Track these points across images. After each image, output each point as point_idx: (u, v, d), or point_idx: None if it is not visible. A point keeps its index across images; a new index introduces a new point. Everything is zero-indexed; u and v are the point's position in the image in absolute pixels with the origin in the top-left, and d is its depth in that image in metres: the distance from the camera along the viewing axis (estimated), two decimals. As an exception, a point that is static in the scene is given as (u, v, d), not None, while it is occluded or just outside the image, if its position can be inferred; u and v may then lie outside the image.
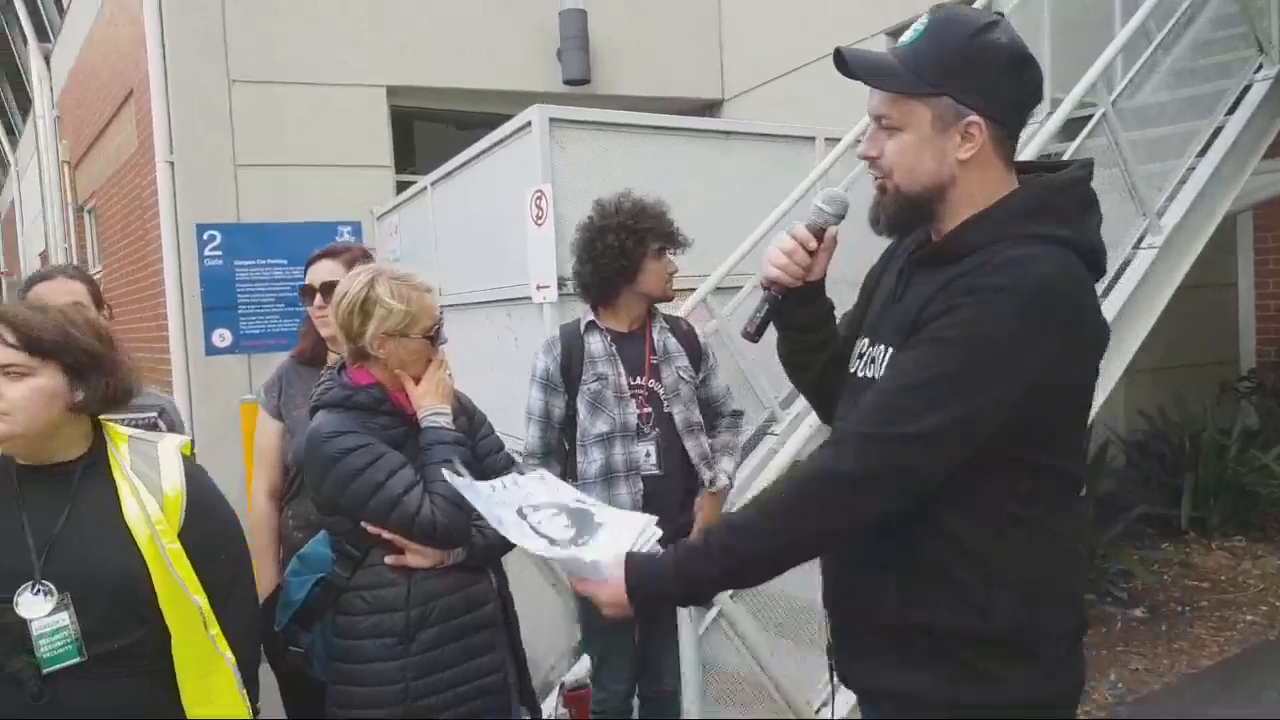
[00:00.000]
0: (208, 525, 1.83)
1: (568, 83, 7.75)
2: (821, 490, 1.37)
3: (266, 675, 2.16)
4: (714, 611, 2.89)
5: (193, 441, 2.50)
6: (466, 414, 2.27)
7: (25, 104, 15.09)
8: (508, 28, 7.68)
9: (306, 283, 2.70)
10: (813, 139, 4.75)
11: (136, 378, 1.88)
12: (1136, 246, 3.91)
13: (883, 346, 1.49)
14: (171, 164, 6.89)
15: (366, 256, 2.84)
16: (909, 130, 1.44)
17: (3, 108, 17.29)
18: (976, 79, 1.41)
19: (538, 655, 4.08)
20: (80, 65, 10.30)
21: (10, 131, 17.41)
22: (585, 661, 3.60)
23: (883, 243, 1.69)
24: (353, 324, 2.06)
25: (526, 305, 4.31)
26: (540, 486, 1.69)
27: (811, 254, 1.58)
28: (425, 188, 5.89)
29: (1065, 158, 3.98)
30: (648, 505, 2.80)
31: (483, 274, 4.97)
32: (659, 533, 1.54)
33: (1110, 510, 5.34)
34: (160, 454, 1.85)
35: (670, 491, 2.88)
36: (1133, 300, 3.77)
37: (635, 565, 1.43)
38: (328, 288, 2.56)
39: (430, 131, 8.22)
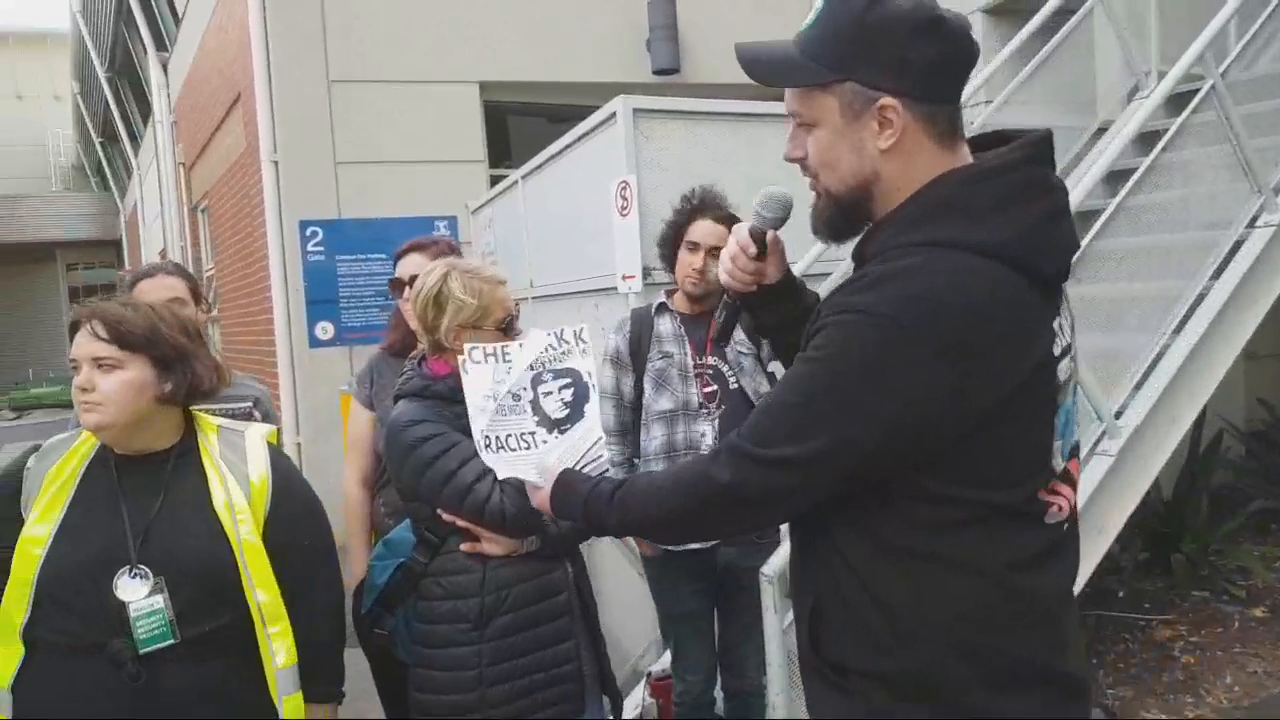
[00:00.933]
0: (292, 512, 1.90)
1: (657, 72, 7.74)
2: (699, 490, 1.31)
3: (360, 659, 2.23)
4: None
5: (280, 430, 2.60)
6: (543, 403, 2.29)
7: (146, 111, 15.88)
8: (596, 20, 7.71)
9: (396, 276, 2.76)
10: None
11: (222, 372, 1.97)
12: (1251, 225, 3.69)
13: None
14: (276, 163, 7.14)
15: (453, 249, 2.90)
16: (822, 125, 1.30)
17: (127, 115, 18.19)
18: (881, 54, 1.25)
19: (627, 643, 4.10)
20: (194, 71, 10.76)
21: (133, 138, 18.32)
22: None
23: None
24: (428, 317, 2.11)
25: (614, 296, 4.32)
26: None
27: (758, 259, 1.49)
28: (516, 181, 5.96)
29: (1170, 134, 3.79)
30: None
31: (570, 265, 5.01)
32: (603, 456, 1.83)
33: (1227, 504, 5.07)
34: (248, 443, 1.92)
35: None
36: (1248, 281, 3.57)
37: (561, 483, 1.54)
38: (416, 281, 2.62)
39: (523, 125, 8.31)
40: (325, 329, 7.25)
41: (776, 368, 2.96)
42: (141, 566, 1.76)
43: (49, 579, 1.75)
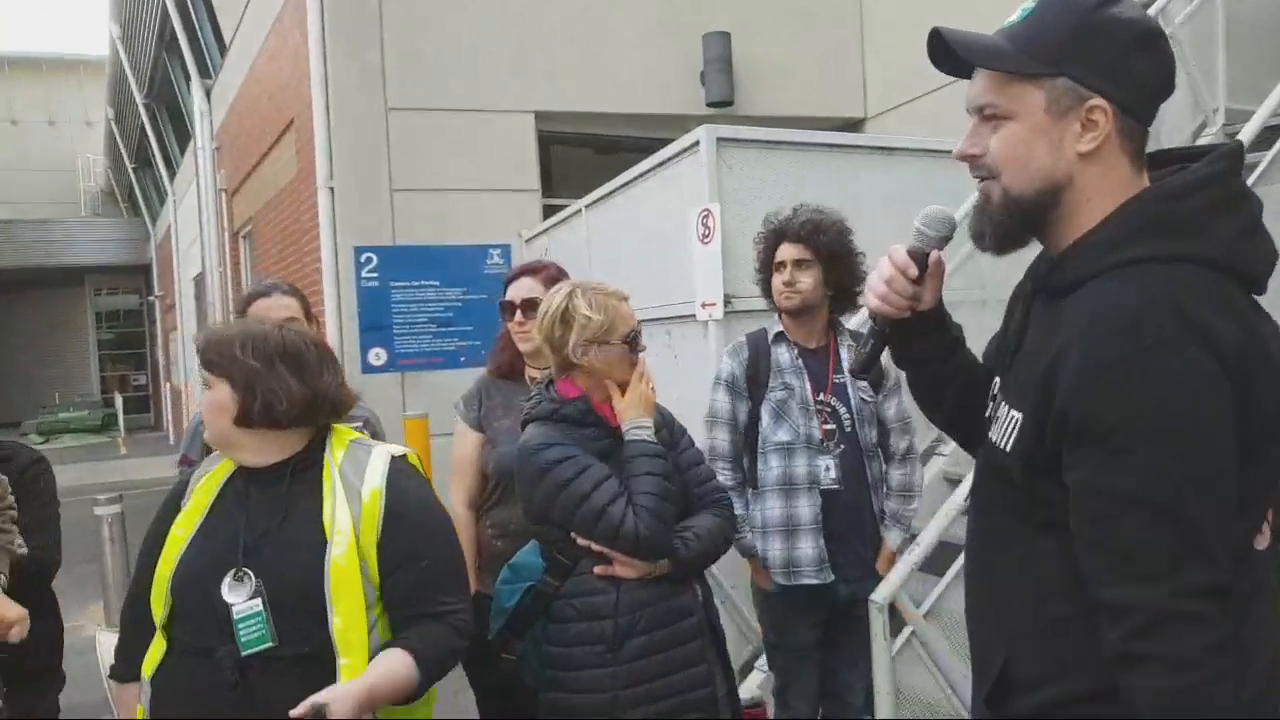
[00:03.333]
0: (406, 535, 1.84)
1: (711, 105, 7.79)
2: (1196, 678, 1.07)
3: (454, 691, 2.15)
4: (907, 631, 2.81)
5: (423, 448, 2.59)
6: (667, 426, 2.29)
7: (183, 137, 16.09)
8: (652, 53, 7.78)
9: (507, 299, 2.76)
10: (979, 155, 4.63)
11: (336, 393, 1.92)
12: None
13: (1008, 409, 1.29)
14: (332, 189, 7.19)
15: (562, 273, 2.90)
16: (1019, 119, 1.24)
17: (163, 141, 18.44)
18: (1101, 56, 1.21)
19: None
20: (240, 98, 10.91)
21: (169, 163, 18.55)
22: (756, 677, 3.56)
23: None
24: (555, 335, 2.14)
25: (689, 324, 4.32)
26: None
27: (916, 281, 1.39)
28: (580, 210, 5.98)
29: (1261, 169, 3.77)
30: (826, 520, 2.79)
31: (642, 293, 4.96)
32: None
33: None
34: (370, 459, 1.90)
35: (849, 509, 2.83)
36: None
37: None
38: (528, 304, 2.63)
39: (570, 155, 8.37)
40: (378, 355, 7.27)
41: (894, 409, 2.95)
42: (246, 571, 1.77)
43: (179, 581, 1.81)
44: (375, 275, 7.24)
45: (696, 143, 4.08)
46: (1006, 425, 1.28)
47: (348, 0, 7.11)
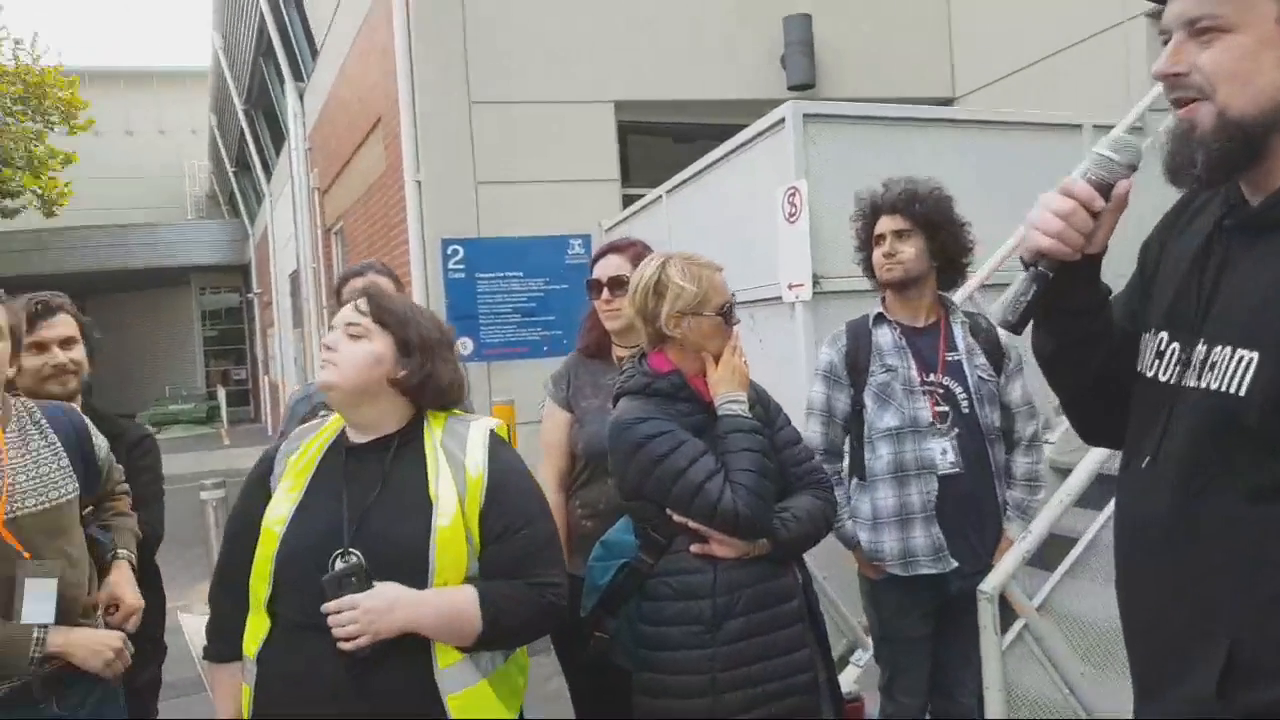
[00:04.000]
0: (508, 505, 1.84)
1: (792, 88, 7.67)
2: None
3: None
4: (1018, 625, 2.69)
5: (509, 427, 2.59)
6: (762, 403, 2.23)
7: (279, 140, 16.60)
8: (731, 38, 7.69)
9: (594, 277, 2.74)
10: (1079, 126, 4.45)
11: (459, 384, 1.95)
12: None
13: (1230, 350, 1.14)
14: (419, 183, 7.31)
15: (647, 249, 2.87)
16: (1243, 30, 1.11)
17: (260, 144, 19.05)
18: None
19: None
20: (331, 99, 11.17)
21: (266, 166, 19.17)
22: (852, 672, 3.47)
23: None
24: (648, 306, 2.10)
25: (774, 306, 4.24)
26: None
27: (1095, 216, 1.22)
28: (660, 197, 5.95)
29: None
30: (942, 507, 2.63)
31: (726, 276, 4.94)
32: None
33: None
34: (471, 433, 1.90)
35: (970, 497, 2.67)
36: None
37: None
38: (615, 282, 2.60)
39: (649, 144, 8.34)
40: (465, 344, 7.34)
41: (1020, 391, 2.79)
42: (353, 551, 1.76)
43: (284, 558, 1.79)
44: (461, 267, 7.32)
45: (782, 120, 4.00)
46: (1229, 368, 1.13)
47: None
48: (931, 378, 2.70)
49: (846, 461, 2.85)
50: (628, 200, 7.28)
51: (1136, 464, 1.26)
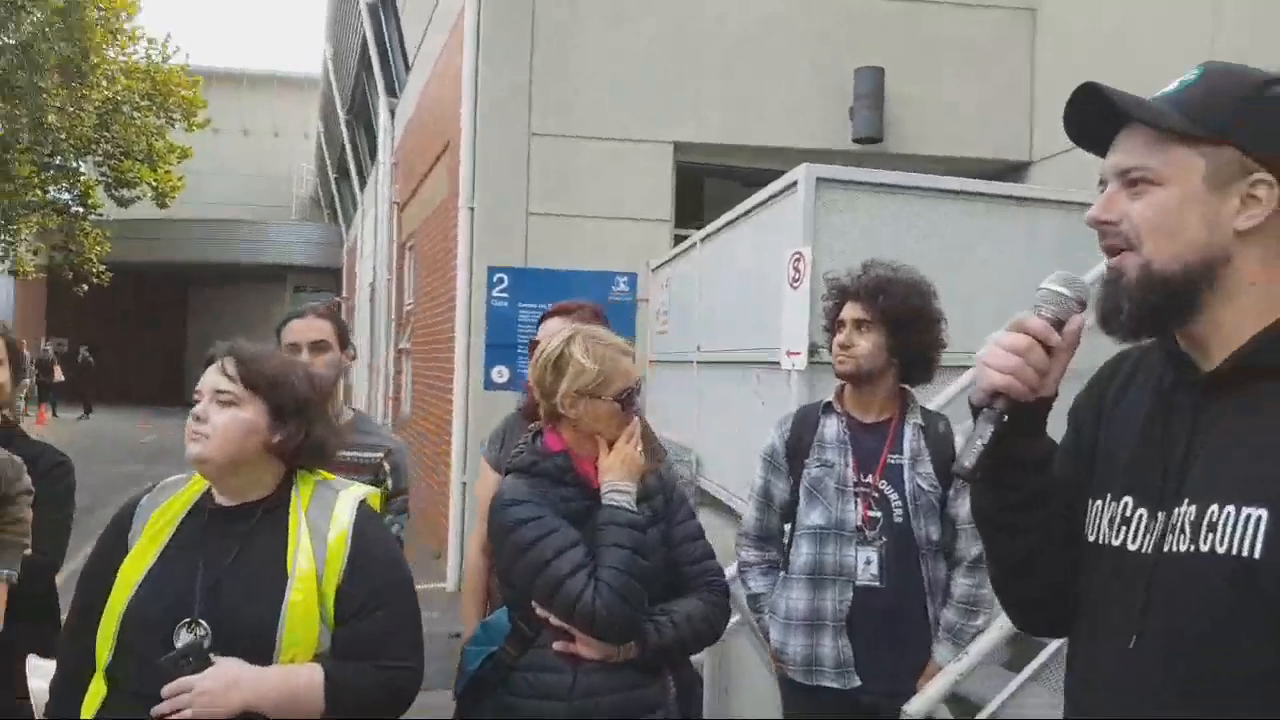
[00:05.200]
0: (367, 582, 1.77)
1: (857, 140, 7.49)
2: None
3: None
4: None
5: (388, 491, 2.52)
6: (664, 492, 2.10)
7: (375, 152, 17.08)
8: (797, 85, 7.57)
9: (537, 337, 2.66)
10: (1114, 208, 4.18)
11: (335, 442, 1.89)
12: None
13: (1229, 509, 1.06)
14: (472, 210, 7.38)
15: (598, 315, 2.78)
16: (1170, 185, 1.12)
17: (358, 155, 19.64)
18: (1272, 129, 1.11)
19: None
20: (414, 118, 11.41)
21: (361, 176, 19.74)
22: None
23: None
24: (546, 381, 1.99)
25: (775, 371, 4.09)
26: None
27: (1049, 352, 1.17)
28: (695, 243, 5.85)
29: None
30: (854, 620, 2.46)
31: (737, 334, 4.82)
32: None
33: None
34: (338, 502, 1.83)
35: (891, 614, 2.48)
36: None
37: None
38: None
39: (715, 185, 8.26)
40: (501, 372, 7.36)
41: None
42: (201, 622, 1.69)
43: (130, 622, 1.73)
44: (505, 295, 7.34)
45: (795, 182, 3.86)
46: (1235, 528, 1.05)
47: (503, 27, 7.29)
48: (868, 479, 2.53)
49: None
50: (679, 239, 7.20)
51: (1116, 644, 1.15)
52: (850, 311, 2.59)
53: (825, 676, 2.47)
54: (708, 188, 8.26)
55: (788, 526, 2.65)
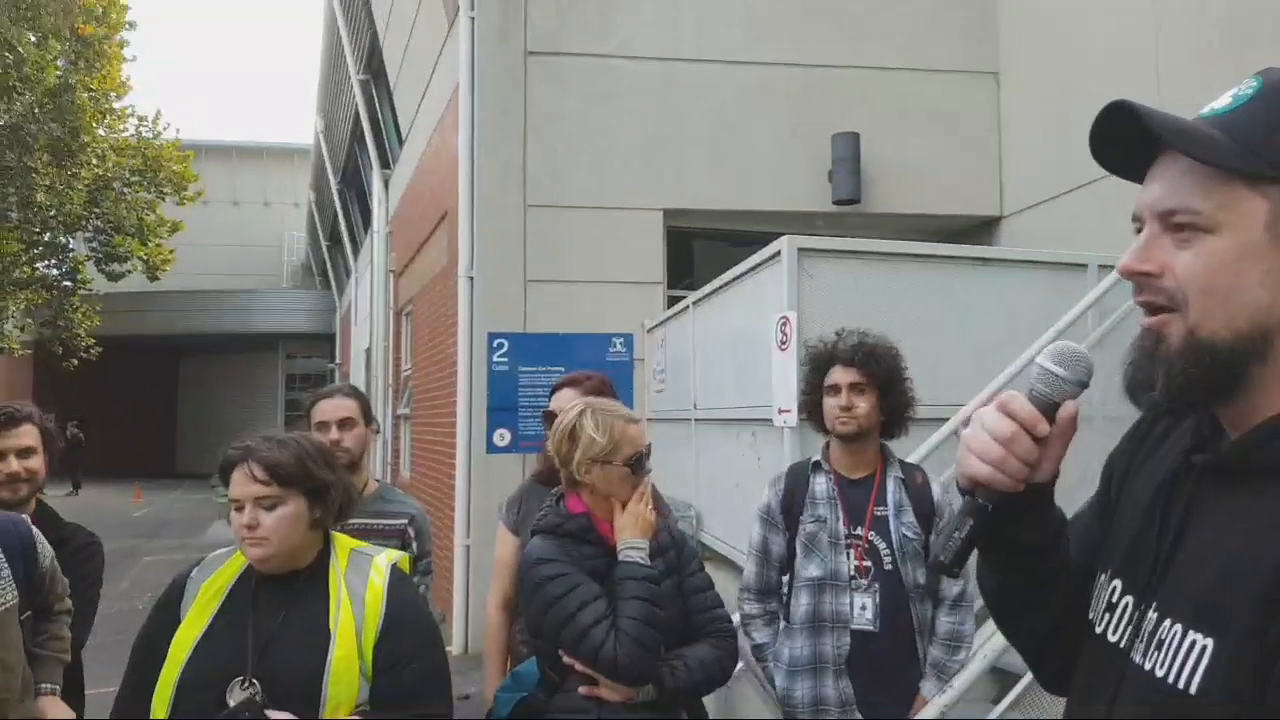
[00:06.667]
0: (401, 639, 1.98)
1: (837, 203, 7.83)
2: None
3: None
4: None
5: (416, 555, 2.74)
6: (676, 547, 2.33)
7: (367, 220, 17.44)
8: (779, 152, 7.92)
9: (550, 408, 2.91)
10: (1085, 266, 4.48)
11: (353, 484, 2.14)
12: None
13: (1180, 630, 0.93)
14: (471, 279, 7.65)
15: (606, 384, 3.02)
16: (1225, 233, 0.92)
17: (351, 223, 20.01)
18: None
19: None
20: (410, 189, 11.77)
21: (354, 243, 20.08)
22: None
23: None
24: (562, 450, 2.24)
25: (770, 427, 4.34)
26: None
27: (1039, 441, 1.03)
28: (689, 305, 6.13)
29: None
30: (854, 663, 2.68)
31: (732, 392, 5.08)
32: None
33: None
34: (372, 567, 2.06)
35: (886, 655, 2.70)
36: None
37: None
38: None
39: (705, 246, 8.58)
40: (503, 435, 7.57)
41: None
42: (254, 681, 1.89)
43: (186, 682, 1.92)
44: (506, 360, 7.59)
45: (779, 252, 4.16)
46: (1178, 653, 0.92)
47: (496, 110, 7.63)
48: (858, 531, 2.76)
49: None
50: (673, 300, 7.50)
51: None
52: (845, 376, 2.81)
53: (829, 714, 2.68)
54: (698, 248, 8.57)
55: (785, 578, 2.88)
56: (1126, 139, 0.98)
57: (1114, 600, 1.06)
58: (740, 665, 3.53)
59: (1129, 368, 1.00)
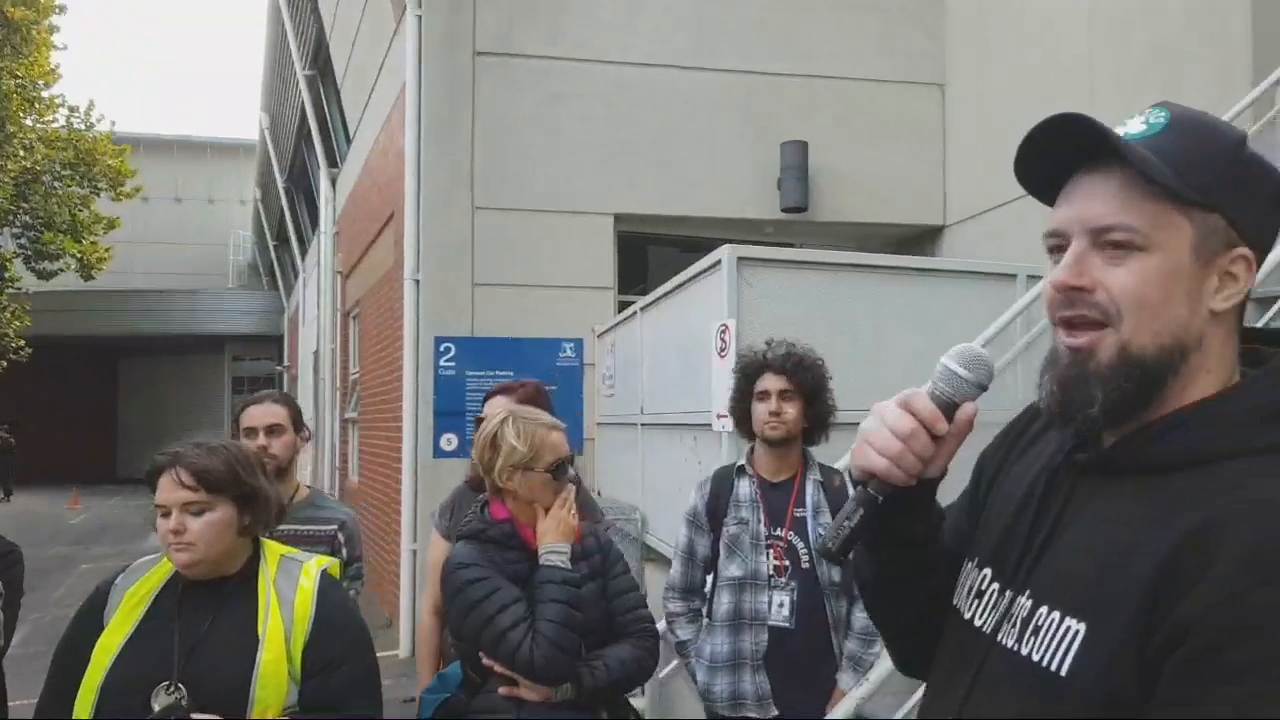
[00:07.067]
0: (330, 642, 1.98)
1: (785, 210, 7.91)
2: None
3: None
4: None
5: (345, 560, 2.73)
6: (601, 551, 2.35)
7: (315, 220, 17.25)
8: (730, 158, 7.98)
9: (482, 415, 2.90)
10: (1014, 276, 4.59)
11: (283, 499, 2.14)
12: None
13: (1056, 616, 0.97)
14: (417, 281, 7.59)
15: (540, 392, 3.03)
16: (1158, 252, 0.96)
17: (298, 222, 19.77)
18: (1254, 200, 0.99)
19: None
20: (356, 189, 11.66)
21: (302, 243, 19.84)
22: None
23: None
24: (485, 458, 2.25)
25: (710, 432, 4.38)
26: None
27: (936, 438, 1.07)
28: (636, 311, 6.16)
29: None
30: (771, 659, 2.76)
31: (675, 397, 5.12)
32: None
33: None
34: (302, 573, 2.05)
35: (802, 651, 2.79)
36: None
37: None
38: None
39: (647, 254, 8.61)
40: (450, 440, 7.53)
41: None
42: (180, 685, 1.88)
43: (109, 687, 1.90)
44: (453, 364, 7.55)
45: (719, 261, 4.20)
46: (1052, 638, 0.96)
47: (444, 110, 7.58)
48: (779, 532, 2.85)
49: None
50: (624, 305, 7.51)
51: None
52: (774, 383, 2.89)
53: (748, 709, 2.77)
54: (650, 254, 8.60)
55: (709, 578, 2.93)
56: (1054, 153, 1.02)
57: (983, 588, 1.11)
58: (674, 663, 3.58)
59: (1057, 388, 1.02)
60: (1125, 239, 0.97)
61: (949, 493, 1.21)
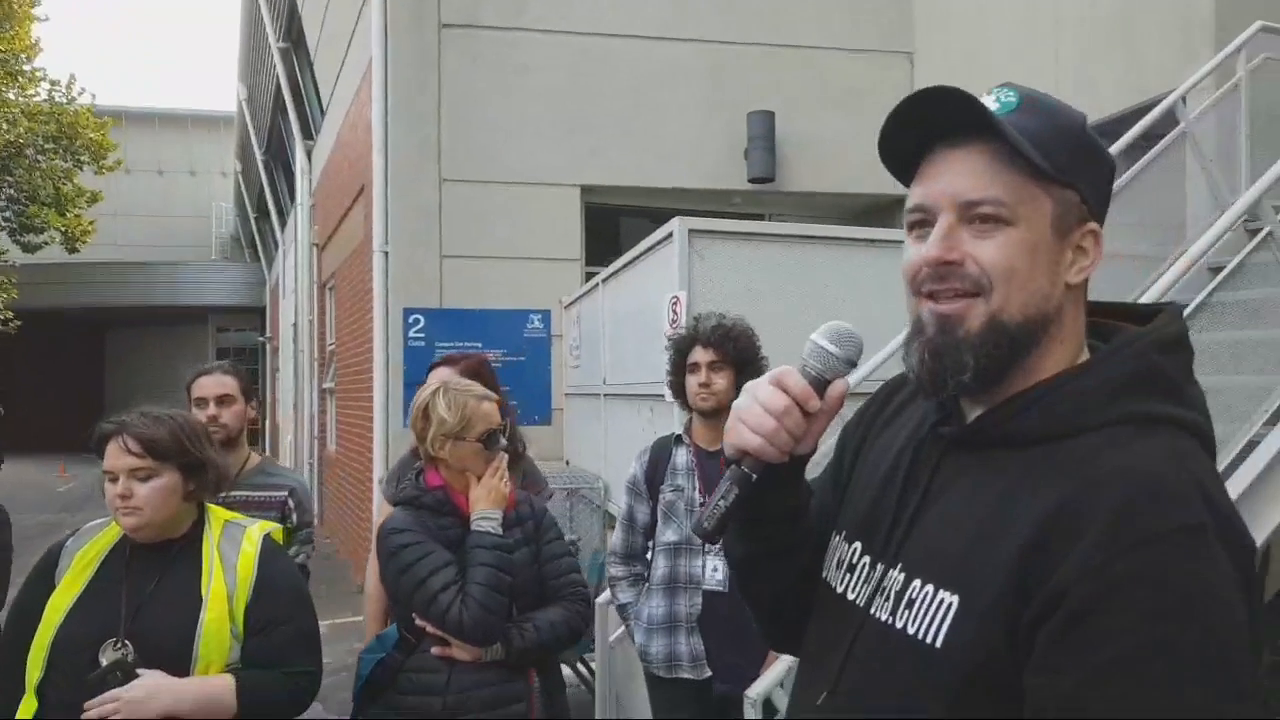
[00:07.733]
0: (272, 602, 2.09)
1: (752, 180, 7.97)
2: None
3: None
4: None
5: (296, 525, 2.82)
6: (535, 518, 2.45)
7: (293, 192, 17.18)
8: (696, 130, 8.02)
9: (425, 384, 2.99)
10: (965, 246, 4.67)
11: (227, 463, 2.23)
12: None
13: (929, 589, 1.00)
14: (386, 254, 7.64)
15: (484, 364, 3.12)
16: (1023, 225, 0.99)
17: (278, 194, 19.68)
18: (1099, 178, 1.05)
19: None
20: (331, 161, 11.63)
21: (281, 215, 19.77)
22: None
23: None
24: (418, 427, 2.34)
25: (664, 403, 4.47)
26: None
27: (808, 415, 1.08)
28: (599, 283, 6.23)
29: (1225, 272, 3.71)
30: (705, 622, 2.86)
31: (633, 369, 5.21)
32: None
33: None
34: (245, 537, 2.15)
35: (736, 613, 2.85)
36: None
37: None
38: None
39: (614, 225, 8.66)
40: (418, 411, 7.59)
41: None
42: (126, 642, 1.99)
43: (59, 644, 2.01)
44: (422, 335, 7.61)
45: (671, 234, 4.27)
46: (926, 610, 0.99)
47: (410, 81, 7.59)
48: (710, 496, 2.91)
49: None
50: (590, 276, 7.57)
51: (812, 695, 1.11)
52: (704, 356, 2.97)
53: (682, 670, 2.87)
54: (619, 225, 8.65)
55: (651, 544, 3.03)
56: (919, 128, 1.04)
57: (854, 561, 1.13)
58: (621, 629, 3.69)
59: (928, 358, 1.03)
60: (993, 212, 0.99)
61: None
